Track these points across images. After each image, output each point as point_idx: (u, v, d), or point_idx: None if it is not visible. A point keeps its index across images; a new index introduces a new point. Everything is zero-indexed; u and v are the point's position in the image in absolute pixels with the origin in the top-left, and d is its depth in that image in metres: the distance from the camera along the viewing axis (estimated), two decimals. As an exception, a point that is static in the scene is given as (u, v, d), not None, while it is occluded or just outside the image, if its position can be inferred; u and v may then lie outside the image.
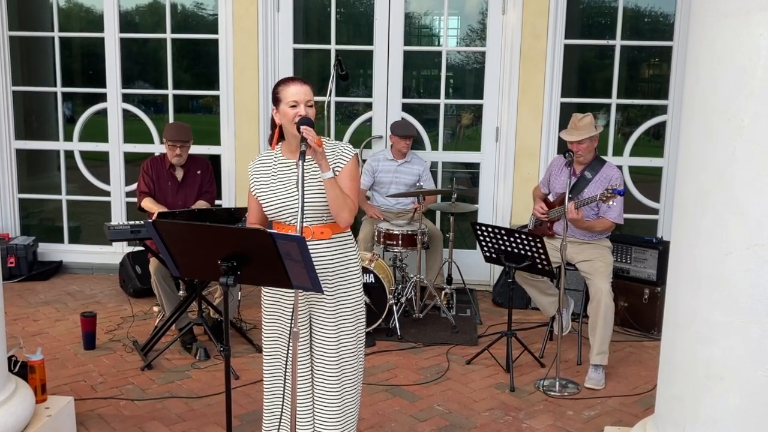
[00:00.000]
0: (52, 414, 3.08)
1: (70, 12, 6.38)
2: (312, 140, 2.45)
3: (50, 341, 4.54)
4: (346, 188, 2.59)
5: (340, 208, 2.56)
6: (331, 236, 2.65)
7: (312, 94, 2.62)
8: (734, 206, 2.21)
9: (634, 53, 5.83)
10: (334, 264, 2.66)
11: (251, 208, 2.79)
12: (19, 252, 5.83)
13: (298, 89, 2.58)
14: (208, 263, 2.35)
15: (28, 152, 6.32)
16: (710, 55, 2.26)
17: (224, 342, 2.50)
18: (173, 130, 4.62)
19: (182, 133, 4.59)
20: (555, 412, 3.70)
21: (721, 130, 2.23)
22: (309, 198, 2.59)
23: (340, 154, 2.65)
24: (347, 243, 2.73)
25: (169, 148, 4.58)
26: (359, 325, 2.75)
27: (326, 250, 2.64)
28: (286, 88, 2.60)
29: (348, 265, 2.71)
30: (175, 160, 4.58)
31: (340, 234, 2.69)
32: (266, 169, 2.72)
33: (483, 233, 3.97)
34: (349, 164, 2.65)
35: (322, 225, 2.64)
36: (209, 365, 4.21)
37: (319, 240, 2.62)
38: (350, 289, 2.71)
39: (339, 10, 5.87)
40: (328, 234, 2.64)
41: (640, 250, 4.93)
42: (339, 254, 2.68)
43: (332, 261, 2.66)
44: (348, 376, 2.72)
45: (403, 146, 5.26)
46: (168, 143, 4.57)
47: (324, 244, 2.64)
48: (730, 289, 2.24)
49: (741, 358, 2.25)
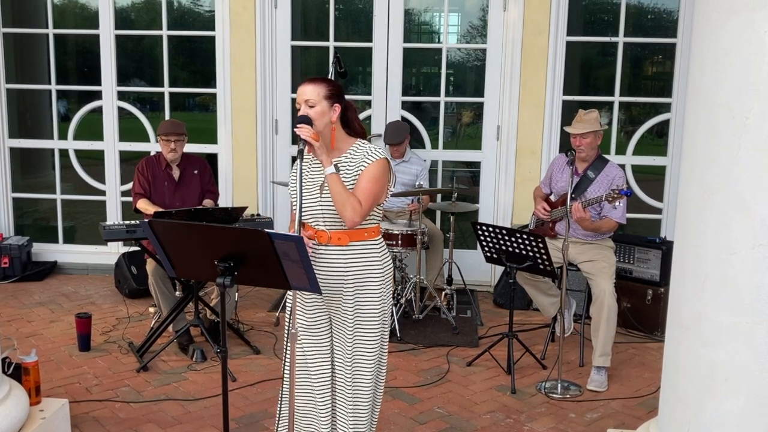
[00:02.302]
0: (46, 416, 3.07)
1: (65, 9, 6.36)
2: (307, 136, 2.45)
3: (45, 343, 4.52)
4: (359, 188, 2.56)
5: (341, 206, 2.53)
6: (348, 243, 2.61)
7: (317, 91, 2.59)
8: (739, 205, 2.20)
9: (637, 50, 5.80)
10: (350, 271, 2.62)
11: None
12: (13, 252, 5.79)
13: (302, 90, 2.62)
14: (204, 263, 2.35)
15: (22, 151, 6.29)
16: (714, 53, 2.25)
17: (221, 344, 2.49)
18: (166, 124, 4.60)
19: (176, 127, 4.55)
20: (557, 414, 3.68)
21: (725, 128, 2.22)
22: (326, 201, 2.58)
23: (367, 155, 2.62)
24: (370, 252, 2.66)
25: (164, 143, 4.52)
26: (377, 337, 2.71)
27: (342, 257, 2.62)
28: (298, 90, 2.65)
29: (368, 275, 2.65)
30: (170, 156, 4.52)
31: (360, 242, 2.63)
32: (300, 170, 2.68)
33: (484, 233, 3.95)
34: (372, 165, 2.60)
35: (341, 231, 2.61)
36: (206, 367, 4.18)
37: (335, 246, 2.60)
38: (369, 300, 2.66)
39: (338, 7, 5.84)
40: (346, 241, 2.61)
41: (643, 251, 4.90)
42: (356, 263, 2.63)
43: (348, 268, 2.62)
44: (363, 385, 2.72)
45: (394, 151, 5.25)
46: (162, 138, 4.52)
47: (339, 250, 2.61)
48: (735, 290, 2.23)
49: (746, 360, 2.24)
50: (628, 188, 3.91)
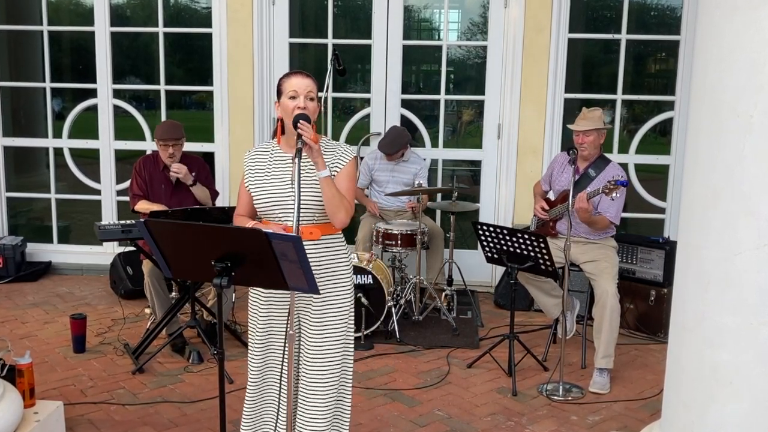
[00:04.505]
0: (40, 419, 3.06)
1: (60, 5, 6.34)
2: (308, 137, 2.42)
3: (39, 344, 4.50)
4: (343, 189, 2.57)
5: (336, 209, 2.53)
6: (320, 237, 2.61)
7: (315, 87, 2.60)
8: (743, 205, 2.21)
9: (640, 47, 5.79)
10: (321, 266, 2.61)
11: (241, 200, 2.74)
12: (7, 252, 5.77)
13: (299, 80, 2.58)
14: (201, 264, 2.34)
15: (15, 149, 6.26)
16: (718, 50, 2.26)
17: (218, 345, 2.47)
18: (164, 128, 4.48)
19: (174, 131, 4.44)
20: (558, 417, 3.66)
21: (730, 127, 2.23)
22: (302, 196, 2.54)
23: (340, 155, 2.64)
24: (338, 246, 2.68)
25: (162, 148, 4.43)
26: (346, 331, 2.70)
27: (314, 251, 2.59)
28: (288, 80, 2.60)
29: (337, 268, 2.66)
30: (169, 160, 4.44)
31: (330, 236, 2.64)
32: (262, 162, 2.68)
33: (484, 233, 3.92)
34: (348, 165, 2.64)
35: (313, 225, 2.60)
36: (202, 369, 4.16)
37: (307, 240, 2.57)
38: (338, 294, 2.66)
39: (336, 4, 5.82)
40: (318, 235, 2.60)
41: (646, 251, 4.87)
42: (328, 257, 2.64)
43: (320, 263, 2.61)
44: (330, 382, 2.67)
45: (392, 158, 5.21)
46: (160, 143, 4.43)
47: (312, 245, 2.59)
48: (740, 291, 2.23)
49: (750, 362, 2.25)
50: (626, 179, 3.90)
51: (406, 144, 5.23)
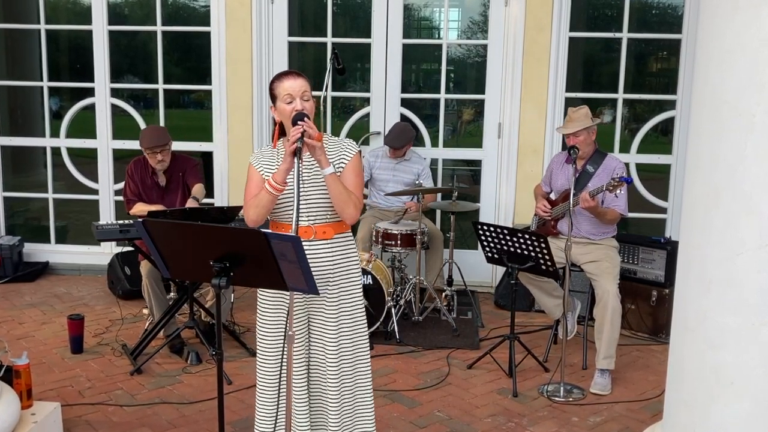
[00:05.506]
0: (38, 420, 3.07)
1: (57, 4, 6.32)
2: (313, 133, 2.42)
3: (36, 345, 4.48)
4: (350, 184, 2.58)
5: (345, 204, 2.53)
6: (333, 236, 2.62)
7: (308, 85, 2.59)
8: (745, 204, 2.20)
9: (641, 46, 5.78)
10: (336, 265, 2.63)
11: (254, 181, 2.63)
12: (4, 252, 5.75)
13: (292, 83, 2.57)
14: (199, 264, 2.33)
15: (12, 149, 6.24)
16: (720, 49, 2.24)
17: (217, 346, 2.47)
18: (148, 137, 4.34)
19: (159, 138, 4.33)
20: (559, 418, 3.65)
21: (731, 126, 2.21)
22: (312, 196, 2.57)
23: (344, 150, 2.64)
24: (349, 243, 2.70)
25: (149, 155, 4.34)
26: (360, 328, 2.72)
27: (329, 251, 2.61)
28: (280, 83, 2.60)
29: (350, 266, 2.68)
30: (159, 166, 4.37)
31: (342, 234, 2.66)
32: (271, 163, 2.67)
33: (485, 233, 3.91)
34: (353, 160, 2.64)
35: (325, 224, 2.60)
36: (201, 370, 4.14)
37: (321, 240, 2.59)
38: (352, 291, 2.69)
39: (336, 2, 5.80)
40: (331, 234, 2.61)
41: (647, 251, 4.85)
42: (341, 255, 2.65)
43: (334, 262, 2.62)
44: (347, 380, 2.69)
45: (392, 152, 5.20)
46: (147, 151, 4.34)
47: (326, 244, 2.60)
48: (741, 291, 2.22)
49: (752, 363, 2.24)
50: (628, 176, 3.88)
51: (412, 138, 5.24)
